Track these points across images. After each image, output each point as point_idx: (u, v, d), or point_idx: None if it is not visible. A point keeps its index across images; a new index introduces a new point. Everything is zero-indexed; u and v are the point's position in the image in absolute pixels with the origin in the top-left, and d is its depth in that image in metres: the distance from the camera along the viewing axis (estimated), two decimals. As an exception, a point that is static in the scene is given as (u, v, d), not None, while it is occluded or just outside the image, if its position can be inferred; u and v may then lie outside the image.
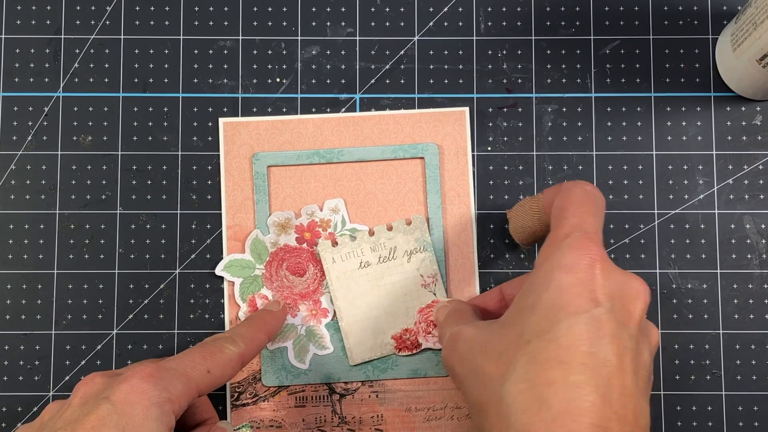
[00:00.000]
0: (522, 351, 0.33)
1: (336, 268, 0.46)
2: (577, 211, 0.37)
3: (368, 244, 0.46)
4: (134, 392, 0.36)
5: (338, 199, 0.48)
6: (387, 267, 0.46)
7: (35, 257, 0.48)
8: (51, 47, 0.49)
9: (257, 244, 0.47)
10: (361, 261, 0.46)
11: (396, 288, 0.46)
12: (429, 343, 0.46)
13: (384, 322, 0.46)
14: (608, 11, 0.50)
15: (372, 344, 0.46)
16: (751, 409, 0.47)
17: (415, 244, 0.45)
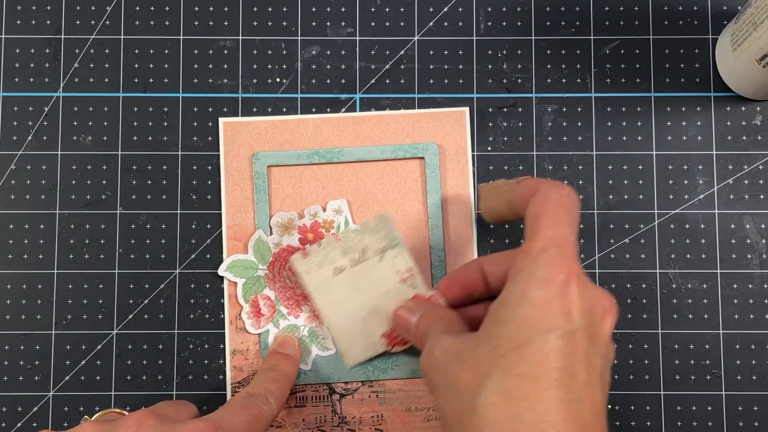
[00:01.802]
0: (496, 364, 0.34)
1: (312, 279, 0.45)
2: (553, 221, 0.36)
3: (338, 250, 0.45)
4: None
5: (341, 200, 0.48)
6: (361, 269, 0.45)
7: (35, 257, 0.48)
8: (51, 47, 0.49)
9: (260, 244, 0.47)
10: (334, 267, 0.45)
11: (375, 287, 0.45)
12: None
13: (372, 322, 0.45)
14: (608, 11, 0.50)
15: (364, 344, 0.45)
16: (751, 409, 0.47)
17: (384, 242, 0.45)
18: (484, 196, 0.44)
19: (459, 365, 0.35)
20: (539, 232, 0.36)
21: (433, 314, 0.41)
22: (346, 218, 0.48)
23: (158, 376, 0.47)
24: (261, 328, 0.47)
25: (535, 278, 0.34)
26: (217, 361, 0.48)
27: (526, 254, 0.36)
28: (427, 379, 0.38)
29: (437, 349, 0.37)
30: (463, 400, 0.34)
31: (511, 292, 0.35)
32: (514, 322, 0.34)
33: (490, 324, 0.36)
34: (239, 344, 0.47)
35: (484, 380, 0.34)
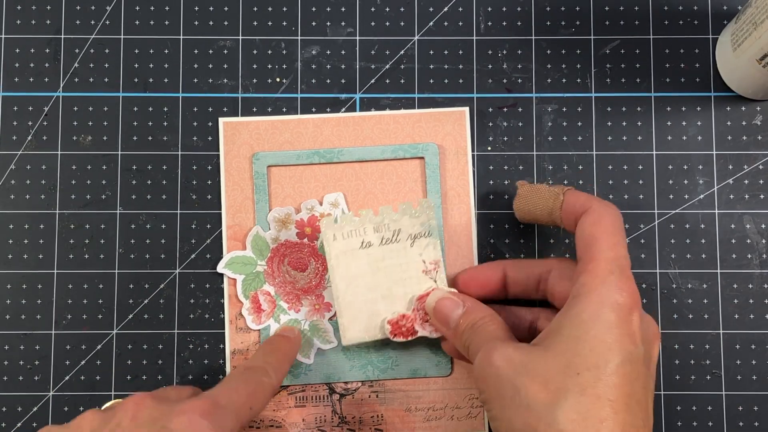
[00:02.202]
0: (572, 382, 0.35)
1: (336, 246, 0.44)
2: (612, 243, 0.38)
3: (372, 224, 0.44)
4: (193, 427, 0.37)
5: (338, 193, 0.48)
6: (389, 249, 0.44)
7: (35, 257, 0.48)
8: (51, 47, 0.49)
9: (258, 240, 0.47)
10: (363, 240, 0.44)
11: (396, 272, 0.44)
12: (425, 331, 0.44)
13: (381, 305, 0.45)
14: (608, 11, 0.50)
15: (366, 326, 0.45)
16: (751, 409, 0.47)
17: (420, 229, 0.44)
18: (523, 196, 0.44)
19: (529, 378, 0.36)
20: (601, 254, 0.38)
21: (479, 313, 0.41)
22: (343, 211, 0.48)
23: (158, 376, 0.47)
24: (262, 323, 0.47)
25: (607, 300, 0.36)
26: (217, 361, 0.48)
27: (593, 275, 0.37)
28: (485, 385, 0.38)
29: (498, 357, 0.37)
30: (539, 414, 0.35)
31: (582, 311, 0.36)
32: (588, 342, 0.36)
33: (557, 339, 0.37)
34: (239, 344, 0.47)
35: (561, 397, 0.35)
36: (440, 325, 0.43)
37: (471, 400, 0.47)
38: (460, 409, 0.47)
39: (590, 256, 0.38)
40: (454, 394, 0.47)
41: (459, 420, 0.47)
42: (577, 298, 0.37)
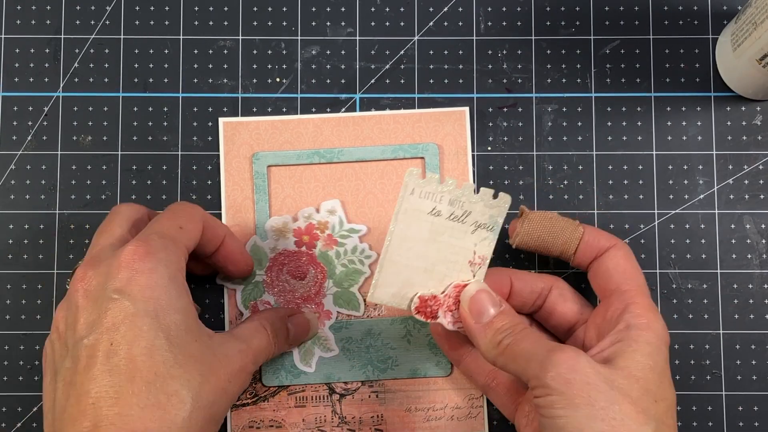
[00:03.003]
0: (653, 408, 0.37)
1: (410, 201, 0.42)
2: (644, 280, 0.42)
3: (450, 196, 0.42)
4: (140, 274, 0.37)
5: (335, 201, 0.48)
6: (452, 227, 0.42)
7: (35, 257, 0.48)
8: (51, 47, 0.49)
9: (256, 250, 0.47)
10: (434, 207, 0.42)
11: (448, 251, 0.43)
12: (444, 320, 0.43)
13: (418, 278, 0.43)
14: (608, 11, 0.50)
15: (396, 292, 0.43)
16: (751, 409, 0.47)
17: (488, 221, 0.42)
18: (534, 222, 0.44)
19: (621, 394, 0.37)
20: (641, 289, 0.42)
21: (516, 318, 0.41)
22: (340, 218, 0.48)
23: (158, 376, 0.47)
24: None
25: (664, 338, 0.40)
26: (217, 361, 0.47)
27: (646, 309, 0.40)
28: (570, 389, 0.37)
29: (586, 365, 0.37)
30: (633, 431, 0.36)
31: (649, 343, 0.39)
32: (658, 373, 0.39)
33: (634, 365, 0.38)
34: (239, 344, 0.47)
35: (649, 420, 0.36)
36: (470, 315, 0.41)
37: (471, 400, 0.47)
38: (460, 409, 0.47)
39: (635, 289, 0.41)
40: (454, 394, 0.47)
41: (459, 420, 0.47)
42: (639, 328, 0.39)
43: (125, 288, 0.36)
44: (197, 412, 0.36)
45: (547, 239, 0.44)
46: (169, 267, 0.38)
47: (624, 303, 0.41)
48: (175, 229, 0.40)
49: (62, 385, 0.37)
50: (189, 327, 0.38)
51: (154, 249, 0.38)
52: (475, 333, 0.41)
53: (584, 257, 0.44)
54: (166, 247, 0.38)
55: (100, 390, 0.35)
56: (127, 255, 0.37)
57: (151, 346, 0.36)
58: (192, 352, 0.37)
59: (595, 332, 0.42)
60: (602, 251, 0.43)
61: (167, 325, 0.37)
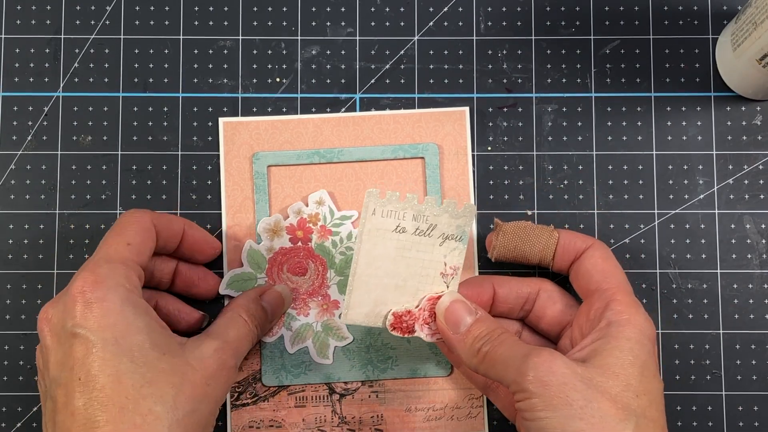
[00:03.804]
0: (634, 403, 0.37)
1: (373, 221, 0.42)
2: (625, 277, 0.43)
3: (413, 211, 0.43)
4: (93, 304, 0.37)
5: (321, 191, 0.48)
6: (419, 241, 0.43)
7: (35, 257, 0.48)
8: (51, 47, 0.49)
9: (253, 254, 0.47)
10: (398, 225, 0.43)
11: (417, 265, 0.43)
12: (422, 333, 0.43)
13: (390, 295, 0.43)
14: (608, 11, 0.50)
15: (369, 311, 0.43)
16: (751, 409, 0.47)
17: (455, 231, 0.43)
18: (509, 234, 0.45)
19: (599, 392, 0.37)
20: (622, 285, 0.42)
21: (492, 324, 0.41)
22: (330, 207, 0.48)
23: (158, 376, 0.47)
24: (275, 335, 0.47)
25: (647, 332, 0.40)
26: (217, 361, 0.47)
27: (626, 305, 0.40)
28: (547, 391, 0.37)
29: (562, 366, 0.37)
30: (612, 428, 0.36)
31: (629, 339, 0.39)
32: (638, 367, 0.38)
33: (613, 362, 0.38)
34: (239, 344, 0.47)
35: (629, 416, 0.36)
36: (447, 327, 0.42)
37: (471, 400, 0.47)
38: (460, 409, 0.47)
39: (615, 287, 0.41)
40: (454, 394, 0.47)
41: (459, 420, 0.47)
42: (619, 325, 0.39)
43: (82, 321, 0.37)
44: (177, 424, 0.37)
45: (524, 249, 0.45)
46: (119, 291, 0.38)
47: (605, 301, 0.41)
48: (123, 246, 0.40)
49: (50, 426, 0.38)
50: (154, 343, 0.38)
51: (102, 276, 0.38)
52: (454, 343, 0.41)
53: (563, 261, 0.44)
54: (114, 271, 0.39)
55: (78, 425, 0.36)
56: (77, 287, 0.38)
57: (117, 372, 0.36)
58: (161, 367, 0.38)
59: (579, 332, 0.42)
60: (579, 253, 0.44)
61: (129, 347, 0.37)
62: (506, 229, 0.45)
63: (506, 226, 0.45)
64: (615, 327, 0.39)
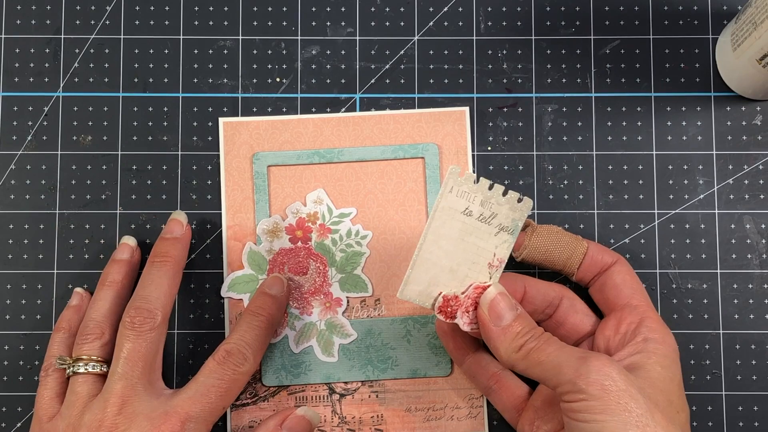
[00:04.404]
0: (676, 418, 0.39)
1: (448, 199, 0.42)
2: (657, 326, 0.43)
3: (482, 196, 0.42)
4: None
5: (318, 190, 0.48)
6: (479, 228, 0.43)
7: (35, 257, 0.48)
8: (51, 47, 0.49)
9: (253, 255, 0.47)
10: (467, 207, 0.42)
11: (472, 251, 0.43)
12: (461, 320, 0.42)
13: (444, 277, 0.43)
14: (608, 11, 0.50)
15: (423, 290, 0.42)
16: (751, 409, 0.47)
17: (510, 224, 0.43)
18: (541, 235, 0.45)
19: (651, 402, 0.38)
20: (649, 303, 0.44)
21: (532, 323, 0.41)
22: (328, 206, 0.48)
23: (158, 376, 0.47)
24: (279, 335, 0.47)
25: (677, 353, 0.42)
26: (217, 361, 0.47)
27: (659, 324, 0.42)
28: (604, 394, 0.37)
29: (618, 372, 0.38)
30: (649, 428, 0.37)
31: (667, 356, 0.41)
32: (676, 385, 0.40)
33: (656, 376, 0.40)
34: (239, 344, 0.47)
35: (674, 428, 0.37)
36: (489, 319, 0.41)
37: (471, 400, 0.47)
38: (460, 409, 0.47)
39: (646, 304, 0.43)
40: (454, 394, 0.47)
41: (459, 420, 0.47)
42: (656, 342, 0.41)
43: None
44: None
45: (553, 253, 0.45)
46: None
47: (638, 317, 0.42)
48: (218, 408, 0.42)
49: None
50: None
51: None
52: (494, 336, 0.41)
53: (587, 272, 0.45)
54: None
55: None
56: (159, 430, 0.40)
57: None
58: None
59: (604, 344, 0.43)
60: (606, 267, 0.44)
61: None
62: (540, 231, 0.45)
63: (540, 228, 0.45)
64: (653, 344, 0.41)
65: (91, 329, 0.43)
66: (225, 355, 0.42)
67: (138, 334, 0.42)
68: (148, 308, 0.43)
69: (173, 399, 0.41)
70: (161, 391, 0.43)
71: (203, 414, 0.41)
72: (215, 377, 0.41)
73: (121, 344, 0.42)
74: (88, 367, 0.42)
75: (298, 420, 0.44)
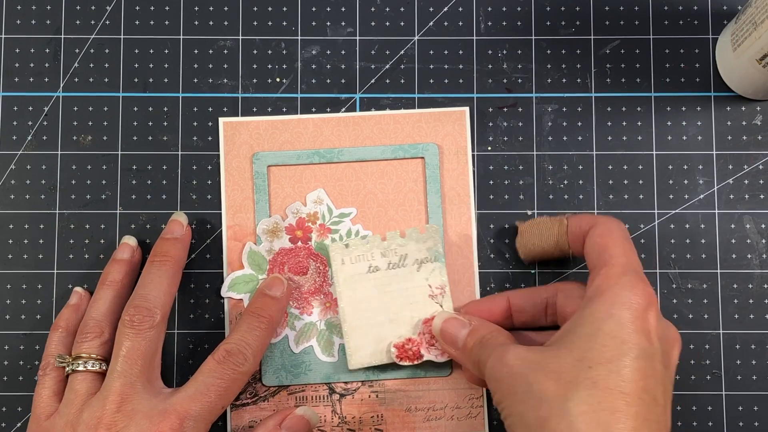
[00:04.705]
0: (583, 375, 0.35)
1: (345, 270, 0.45)
2: (623, 251, 0.39)
3: (379, 249, 0.45)
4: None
5: (318, 190, 0.48)
6: (396, 274, 0.45)
7: (35, 257, 0.48)
8: (51, 47, 0.49)
9: (253, 255, 0.47)
10: (370, 265, 0.45)
11: (403, 296, 0.45)
12: (431, 355, 0.45)
13: (387, 330, 0.45)
14: (608, 11, 0.50)
15: (373, 350, 0.45)
16: (751, 409, 0.47)
17: (427, 254, 0.45)
18: (525, 233, 0.45)
19: (542, 373, 0.36)
20: (613, 259, 0.39)
21: (486, 329, 0.41)
22: (328, 206, 0.48)
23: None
24: (279, 335, 0.47)
25: (620, 299, 0.37)
26: (217, 361, 0.47)
27: (605, 279, 0.38)
28: (497, 385, 0.38)
29: (511, 357, 0.38)
30: (550, 406, 0.35)
31: (595, 310, 0.37)
32: (598, 337, 0.36)
33: (571, 337, 0.37)
34: (239, 344, 0.47)
35: (572, 390, 0.35)
36: (447, 346, 0.43)
37: (471, 400, 0.47)
38: (460, 409, 0.47)
39: (603, 262, 0.39)
40: (454, 394, 0.47)
41: (459, 420, 0.47)
42: (591, 300, 0.38)
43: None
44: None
45: (542, 245, 0.45)
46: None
47: (591, 280, 0.40)
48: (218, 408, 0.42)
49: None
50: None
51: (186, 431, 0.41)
52: (459, 359, 0.43)
53: (578, 247, 0.43)
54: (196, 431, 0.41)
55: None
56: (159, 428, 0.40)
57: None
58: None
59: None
60: (586, 234, 0.42)
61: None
62: (522, 229, 0.46)
63: (522, 226, 0.46)
64: (586, 303, 0.38)
65: (91, 328, 0.43)
66: (225, 355, 0.42)
67: (137, 333, 0.42)
68: (147, 307, 0.42)
69: (172, 397, 0.41)
70: (160, 389, 0.42)
71: (202, 413, 0.41)
72: (215, 376, 0.41)
73: (120, 342, 0.42)
74: (87, 365, 0.42)
75: (297, 420, 0.44)
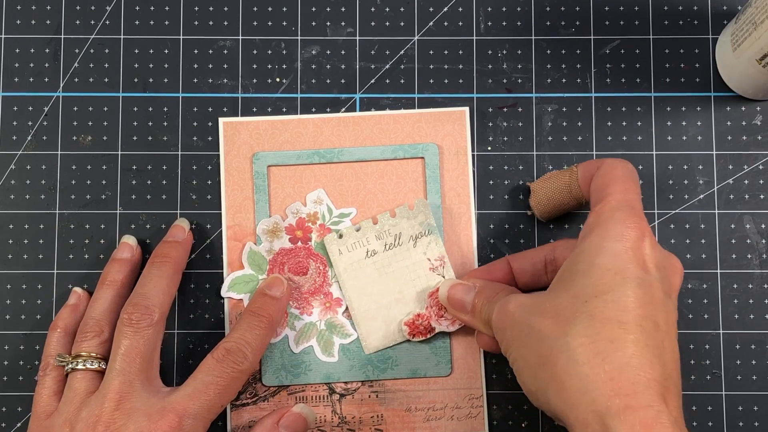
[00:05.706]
0: (580, 309, 0.35)
1: (343, 260, 0.46)
2: (622, 188, 0.39)
3: (373, 233, 0.45)
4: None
5: (318, 190, 0.48)
6: (393, 254, 0.45)
7: (35, 257, 0.48)
8: (51, 47, 0.49)
9: (253, 255, 0.47)
10: (367, 250, 0.45)
11: (404, 274, 0.46)
12: (442, 326, 0.45)
13: (395, 310, 0.46)
14: (608, 11, 0.50)
15: (385, 333, 0.46)
16: (751, 409, 0.47)
17: (420, 228, 0.45)
18: (538, 190, 0.46)
19: (540, 315, 0.37)
20: (609, 196, 0.39)
21: (491, 288, 0.42)
22: (328, 206, 0.48)
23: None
24: (279, 335, 0.47)
25: (610, 233, 0.37)
26: (217, 361, 0.47)
27: (598, 214, 0.38)
28: (502, 335, 0.39)
29: (512, 305, 0.38)
30: (549, 343, 0.36)
31: (587, 246, 0.37)
32: (593, 271, 0.36)
33: (566, 276, 0.38)
34: (239, 344, 0.47)
35: (570, 324, 0.35)
36: (457, 312, 0.44)
37: (471, 400, 0.47)
38: (460, 409, 0.47)
39: (599, 200, 0.39)
40: (454, 394, 0.47)
41: (459, 420, 0.47)
42: (583, 238, 0.38)
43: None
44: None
45: (555, 198, 0.45)
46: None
47: (587, 221, 0.39)
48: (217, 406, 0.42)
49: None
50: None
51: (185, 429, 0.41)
52: (470, 323, 0.43)
53: (588, 192, 0.42)
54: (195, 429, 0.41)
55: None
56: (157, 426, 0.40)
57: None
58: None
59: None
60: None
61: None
62: (534, 187, 0.46)
63: (533, 184, 0.46)
64: (579, 242, 0.38)
65: (91, 327, 0.43)
66: (224, 353, 0.42)
67: (135, 331, 0.42)
68: (145, 305, 0.42)
69: (171, 395, 0.41)
70: (159, 387, 0.42)
71: (201, 411, 0.41)
72: (214, 375, 0.41)
73: (119, 341, 0.42)
74: (86, 363, 0.42)
75: (295, 418, 0.44)
